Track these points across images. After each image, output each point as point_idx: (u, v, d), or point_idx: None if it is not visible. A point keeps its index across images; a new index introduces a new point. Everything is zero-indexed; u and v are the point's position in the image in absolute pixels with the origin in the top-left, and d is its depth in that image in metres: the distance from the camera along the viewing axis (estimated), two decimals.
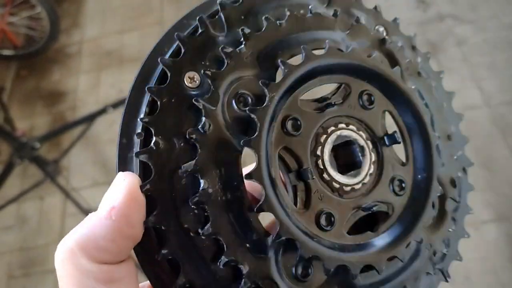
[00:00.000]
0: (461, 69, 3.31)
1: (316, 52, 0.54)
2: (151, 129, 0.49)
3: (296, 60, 0.54)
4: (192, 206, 0.48)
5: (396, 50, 0.61)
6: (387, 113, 0.60)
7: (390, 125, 0.61)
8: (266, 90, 0.50)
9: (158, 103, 0.49)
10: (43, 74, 3.99)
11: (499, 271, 2.62)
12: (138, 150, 0.50)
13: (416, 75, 0.62)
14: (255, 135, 0.48)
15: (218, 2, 0.55)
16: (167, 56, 0.54)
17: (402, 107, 0.59)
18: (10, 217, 3.23)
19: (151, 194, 0.48)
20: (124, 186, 0.47)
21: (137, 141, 0.51)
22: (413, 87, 0.59)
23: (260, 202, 0.46)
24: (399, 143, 0.59)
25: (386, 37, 0.61)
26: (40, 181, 3.05)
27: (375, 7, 0.66)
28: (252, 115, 0.49)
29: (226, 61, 0.51)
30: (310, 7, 0.59)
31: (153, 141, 0.48)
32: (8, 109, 3.42)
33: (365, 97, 0.58)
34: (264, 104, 0.49)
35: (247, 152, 0.50)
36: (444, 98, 0.68)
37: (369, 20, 0.64)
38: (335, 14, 0.59)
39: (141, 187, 0.47)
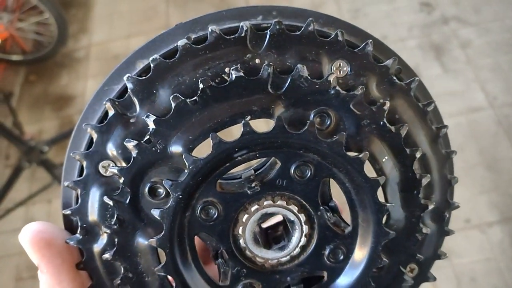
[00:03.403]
0: (465, 71, 3.32)
1: (240, 126, 0.49)
2: (76, 219, 0.52)
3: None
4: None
5: (351, 101, 0.51)
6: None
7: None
8: (170, 191, 0.49)
9: (78, 195, 0.51)
10: (51, 78, 4.03)
11: (505, 272, 2.61)
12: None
13: (381, 124, 0.51)
14: (161, 235, 0.50)
15: (124, 77, 0.50)
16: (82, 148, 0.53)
17: (345, 174, 0.53)
18: (18, 220, 3.25)
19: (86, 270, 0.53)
20: None
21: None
22: (360, 154, 0.51)
23: None
24: (338, 213, 0.57)
25: (337, 88, 0.50)
26: (48, 184, 3.09)
27: (336, 34, 0.51)
28: (158, 217, 0.49)
29: (133, 155, 0.48)
30: (232, 70, 0.49)
31: (79, 230, 0.52)
32: (16, 113, 3.46)
33: (298, 168, 0.53)
34: (168, 205, 0.49)
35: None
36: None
37: (320, 59, 0.52)
38: (266, 72, 0.49)
39: (77, 265, 0.53)
